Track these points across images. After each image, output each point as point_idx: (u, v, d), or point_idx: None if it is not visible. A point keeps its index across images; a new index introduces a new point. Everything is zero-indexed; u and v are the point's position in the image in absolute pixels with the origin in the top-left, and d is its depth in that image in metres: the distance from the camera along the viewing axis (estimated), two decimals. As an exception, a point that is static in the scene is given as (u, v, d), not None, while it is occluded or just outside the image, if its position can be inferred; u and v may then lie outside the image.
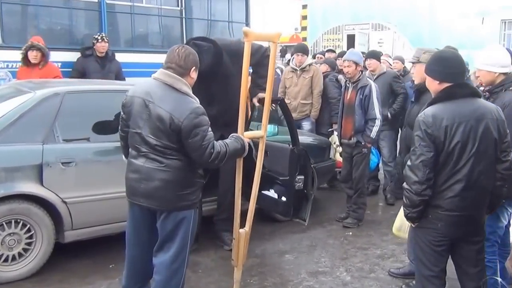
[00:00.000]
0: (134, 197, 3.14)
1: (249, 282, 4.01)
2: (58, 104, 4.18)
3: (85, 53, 6.76)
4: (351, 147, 5.31)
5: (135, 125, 3.08)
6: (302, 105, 6.51)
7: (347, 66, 5.24)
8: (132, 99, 3.14)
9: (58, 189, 4.04)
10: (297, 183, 4.26)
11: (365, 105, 5.15)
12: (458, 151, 2.73)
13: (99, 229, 4.31)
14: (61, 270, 4.17)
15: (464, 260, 2.94)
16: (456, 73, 2.85)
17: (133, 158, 3.14)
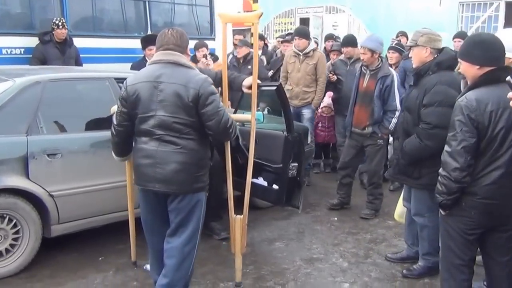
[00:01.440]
0: (149, 184, 3.11)
1: (245, 271, 3.99)
2: (40, 92, 3.99)
3: (44, 39, 6.48)
4: (364, 137, 5.14)
5: (146, 110, 3.06)
6: (304, 92, 6.29)
7: (363, 53, 5.05)
8: (135, 87, 3.10)
9: (45, 182, 3.88)
10: (290, 170, 4.25)
11: (385, 96, 4.98)
12: (501, 138, 2.68)
13: (86, 222, 4.18)
14: (50, 264, 4.03)
15: (495, 249, 2.93)
16: (497, 56, 2.79)
17: (143, 144, 3.11)
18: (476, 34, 2.99)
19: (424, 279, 3.87)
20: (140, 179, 3.17)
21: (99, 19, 7.73)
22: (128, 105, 3.14)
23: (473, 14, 13.63)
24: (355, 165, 5.40)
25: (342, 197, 5.46)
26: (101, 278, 3.86)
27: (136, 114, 3.11)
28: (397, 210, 4.37)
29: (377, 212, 5.29)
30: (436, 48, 3.70)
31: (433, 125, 3.55)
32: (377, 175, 5.20)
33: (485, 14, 13.33)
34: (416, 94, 3.69)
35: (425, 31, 3.78)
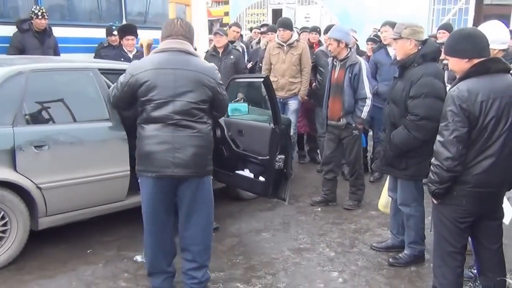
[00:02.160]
0: (166, 169, 3.14)
1: (235, 261, 4.04)
2: (24, 83, 3.90)
3: (22, 27, 6.34)
4: (340, 129, 5.16)
5: (163, 96, 3.13)
6: (290, 83, 6.28)
7: (329, 43, 5.09)
8: (145, 74, 3.15)
9: (32, 174, 3.82)
10: (277, 162, 4.30)
11: (355, 84, 4.98)
12: (492, 127, 2.75)
13: (74, 214, 4.13)
14: (38, 256, 3.99)
15: (485, 236, 3.05)
16: (484, 48, 2.86)
17: (156, 131, 3.15)
18: (461, 29, 3.04)
19: (411, 267, 3.99)
20: (155, 166, 3.16)
21: (73, 8, 7.60)
22: (131, 91, 3.20)
23: (444, 7, 13.90)
24: (338, 159, 5.39)
25: (325, 194, 5.41)
26: (91, 270, 3.84)
27: (147, 100, 3.15)
28: (381, 200, 4.49)
29: (360, 203, 5.36)
30: (420, 40, 3.77)
31: (421, 116, 3.63)
32: (357, 166, 5.26)
33: (456, 6, 13.62)
34: (402, 86, 3.76)
35: (408, 23, 3.82)
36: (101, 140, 4.16)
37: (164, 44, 3.24)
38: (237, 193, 5.35)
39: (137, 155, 3.29)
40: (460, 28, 3.01)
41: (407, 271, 3.95)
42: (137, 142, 3.30)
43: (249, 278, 3.78)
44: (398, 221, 4.17)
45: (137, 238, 4.19)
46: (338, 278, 3.83)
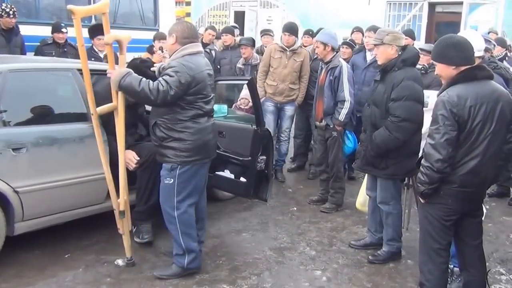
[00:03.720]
0: (212, 154, 3.80)
1: (218, 263, 4.05)
2: (1, 83, 3.77)
3: None
4: (322, 129, 5.27)
5: (208, 92, 3.66)
6: (290, 89, 6.11)
7: (316, 46, 5.18)
8: (201, 75, 3.58)
9: (9, 178, 3.69)
10: (259, 163, 4.33)
11: (335, 87, 5.06)
12: (478, 130, 2.90)
13: (52, 218, 4.03)
14: (14, 263, 3.86)
15: (467, 233, 3.20)
16: (471, 56, 3.01)
17: (206, 123, 3.66)
18: (448, 37, 3.14)
19: (389, 263, 4.11)
20: (207, 153, 3.71)
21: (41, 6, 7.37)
22: (186, 90, 3.48)
23: (399, 13, 14.37)
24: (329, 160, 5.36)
25: (321, 193, 5.49)
26: (72, 275, 3.75)
27: (201, 97, 3.58)
28: (359, 199, 4.60)
29: (339, 206, 5.34)
30: (400, 46, 3.93)
31: (402, 118, 3.77)
32: (335, 168, 5.28)
33: (410, 13, 14.09)
34: (383, 89, 3.89)
35: (389, 30, 4.04)
36: (80, 141, 4.07)
37: (194, 47, 3.61)
38: (214, 194, 5.34)
39: (190, 147, 3.57)
40: (449, 35, 3.12)
41: (386, 268, 4.07)
42: (186, 136, 3.55)
43: (234, 279, 3.79)
44: (376, 219, 4.28)
45: (116, 241, 4.14)
46: (321, 276, 3.90)
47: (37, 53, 6.38)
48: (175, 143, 3.57)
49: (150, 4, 8.53)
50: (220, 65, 7.11)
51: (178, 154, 3.57)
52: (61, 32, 6.48)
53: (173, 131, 3.56)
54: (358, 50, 6.42)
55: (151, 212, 4.31)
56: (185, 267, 3.75)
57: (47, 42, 6.50)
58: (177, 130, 3.55)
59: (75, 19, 3.54)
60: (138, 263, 3.95)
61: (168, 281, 3.69)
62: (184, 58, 3.54)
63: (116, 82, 3.51)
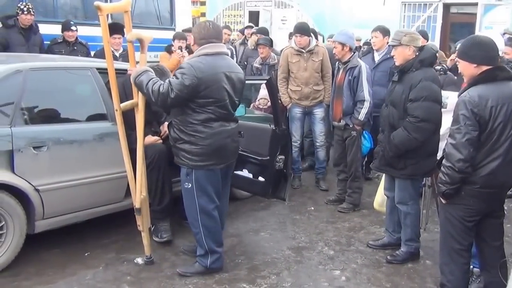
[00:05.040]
0: (231, 158, 3.75)
1: (237, 262, 4.04)
2: (22, 82, 3.81)
3: (7, 23, 6.21)
4: (341, 129, 5.23)
5: (222, 96, 3.52)
6: (315, 91, 5.84)
7: (334, 47, 5.17)
8: (210, 77, 3.45)
9: (30, 176, 3.73)
10: (277, 163, 4.33)
11: (354, 87, 5.04)
12: (500, 131, 2.92)
13: (72, 216, 4.06)
14: (35, 261, 3.89)
15: (488, 234, 3.18)
16: (494, 56, 3.03)
17: (223, 127, 3.58)
18: (474, 36, 3.17)
19: (408, 264, 4.07)
20: (224, 157, 3.65)
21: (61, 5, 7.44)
22: (192, 93, 3.40)
23: (414, 14, 14.28)
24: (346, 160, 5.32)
25: (339, 193, 5.46)
26: (92, 274, 3.77)
27: (212, 102, 3.48)
28: (377, 199, 4.57)
29: (356, 206, 5.29)
30: (417, 47, 3.92)
31: (420, 118, 3.75)
32: (354, 167, 5.24)
33: (425, 14, 14.00)
34: (401, 90, 3.87)
35: (407, 31, 4.03)
36: (99, 140, 4.10)
37: (215, 48, 3.54)
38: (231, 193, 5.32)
39: (201, 151, 3.54)
40: (475, 35, 3.16)
41: (405, 268, 4.03)
42: (197, 140, 3.52)
43: (253, 278, 3.79)
44: (394, 219, 4.25)
45: (135, 240, 4.16)
46: (340, 276, 3.88)
47: (48, 52, 6.41)
48: (186, 145, 3.55)
49: (166, 4, 8.57)
50: (247, 63, 7.09)
51: (190, 157, 3.55)
52: (71, 30, 6.51)
53: (184, 134, 3.54)
54: (367, 52, 6.39)
55: (167, 211, 4.32)
56: (208, 267, 3.75)
57: (57, 41, 6.54)
58: (188, 133, 3.53)
59: (101, 15, 3.60)
60: (158, 261, 3.96)
61: (188, 280, 3.70)
62: (197, 59, 3.51)
63: (132, 79, 3.61)
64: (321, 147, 5.97)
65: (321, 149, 5.97)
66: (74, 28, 6.53)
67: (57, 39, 6.57)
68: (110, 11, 3.81)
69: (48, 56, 5.57)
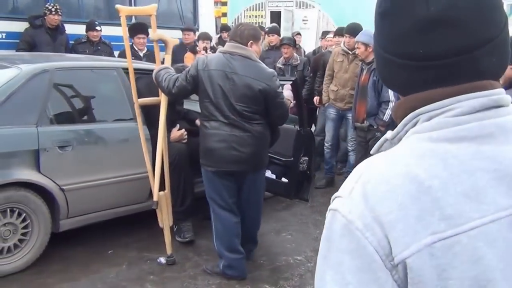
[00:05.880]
0: (223, 165, 3.47)
1: (260, 263, 4.02)
2: (48, 81, 3.85)
3: (34, 23, 6.28)
4: (364, 131, 5.16)
5: (213, 94, 3.40)
6: (350, 95, 5.61)
7: (357, 47, 5.13)
8: (210, 73, 3.42)
9: (56, 175, 3.76)
10: (301, 164, 4.29)
11: (379, 87, 5.01)
12: None
13: (95, 216, 4.08)
14: (58, 259, 3.91)
15: None
16: None
17: (215, 129, 3.43)
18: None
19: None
20: (215, 162, 3.47)
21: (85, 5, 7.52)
22: (194, 85, 3.45)
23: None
24: None
25: None
26: (115, 272, 3.78)
27: (206, 97, 3.42)
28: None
29: None
30: None
31: None
32: None
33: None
34: None
35: None
36: (124, 140, 4.13)
37: (227, 47, 3.54)
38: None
39: (200, 150, 3.56)
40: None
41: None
42: (200, 138, 3.57)
43: (276, 280, 3.76)
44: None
45: (157, 239, 4.14)
46: (365, 279, 3.81)
47: (72, 52, 6.48)
48: None
49: (189, 4, 8.57)
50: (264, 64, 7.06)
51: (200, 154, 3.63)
52: (96, 30, 6.56)
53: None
54: None
55: (190, 212, 4.32)
56: (221, 270, 3.71)
57: (81, 41, 6.60)
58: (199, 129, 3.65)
59: (121, 16, 3.73)
60: (181, 261, 3.96)
61: (211, 280, 3.69)
62: (214, 55, 3.68)
63: (153, 75, 3.70)
64: (352, 152, 5.83)
65: (353, 153, 5.80)
66: (99, 28, 6.59)
67: (81, 38, 6.63)
68: (131, 13, 3.89)
69: (74, 55, 5.62)
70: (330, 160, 6.09)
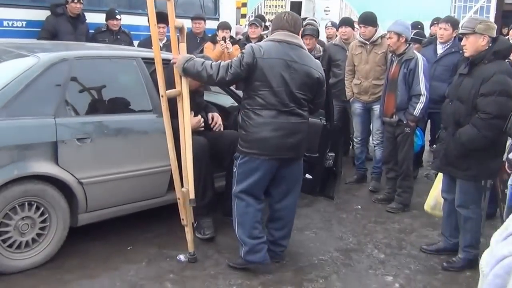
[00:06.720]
0: (279, 152, 3.51)
1: (282, 263, 3.86)
2: (67, 71, 3.72)
3: (56, 11, 6.20)
4: (393, 126, 4.96)
5: (275, 83, 3.41)
6: (374, 86, 5.45)
7: (389, 37, 4.89)
8: (268, 62, 3.41)
9: (74, 168, 3.63)
10: (327, 160, 4.12)
11: (409, 80, 4.77)
12: None
13: (114, 210, 3.96)
14: (77, 254, 3.80)
15: None
16: None
17: (271, 118, 3.44)
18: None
19: (466, 272, 3.81)
20: (270, 150, 3.47)
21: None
22: (249, 72, 3.40)
23: (466, 4, 13.68)
24: (397, 157, 5.08)
25: (388, 192, 5.23)
26: (135, 270, 3.66)
27: (264, 86, 3.41)
28: (429, 201, 4.30)
29: (407, 207, 5.04)
30: (492, 37, 3.59)
31: (493, 115, 3.45)
32: (405, 166, 4.98)
33: (477, 4, 13.38)
34: (471, 84, 3.57)
35: (482, 19, 3.70)
36: (144, 133, 3.99)
37: (279, 35, 3.51)
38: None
39: (248, 138, 3.50)
40: None
41: (463, 276, 3.77)
42: (246, 126, 3.50)
43: (300, 281, 3.61)
44: (451, 223, 3.98)
45: (177, 235, 4.04)
46: (394, 283, 3.65)
47: (92, 41, 6.38)
48: (241, 130, 3.59)
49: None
50: None
51: (240, 143, 3.57)
52: (116, 19, 6.47)
53: (241, 118, 3.58)
54: (428, 42, 6.01)
55: (210, 207, 4.20)
56: (242, 257, 3.67)
57: (101, 30, 6.51)
58: (243, 118, 3.55)
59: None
60: (201, 259, 3.83)
61: (233, 280, 3.56)
62: (260, 43, 3.63)
63: (180, 65, 3.56)
64: (377, 146, 5.58)
65: (378, 147, 5.55)
66: (119, 16, 6.48)
67: (101, 28, 6.54)
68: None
69: (93, 44, 5.51)
70: (361, 155, 5.90)
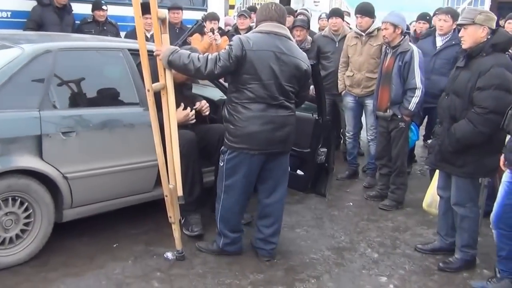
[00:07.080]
0: (269, 146, 3.46)
1: (273, 262, 3.76)
2: (51, 63, 3.59)
3: (43, 1, 6.09)
4: (387, 120, 4.83)
5: (264, 75, 3.34)
6: (367, 79, 5.30)
7: (384, 28, 4.74)
8: (257, 54, 3.33)
9: (59, 163, 3.52)
10: (319, 156, 4.02)
11: (404, 73, 4.62)
12: None
13: (100, 206, 3.85)
14: (62, 251, 3.70)
15: None
16: None
17: (261, 111, 3.38)
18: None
19: (463, 273, 3.72)
20: (260, 144, 3.42)
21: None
22: (236, 64, 3.30)
23: (459, -5, 13.61)
24: (390, 153, 4.97)
25: (380, 189, 5.13)
26: (120, 267, 3.55)
27: (252, 78, 3.33)
28: (427, 199, 4.21)
29: (400, 204, 4.94)
30: (491, 28, 3.49)
31: (490, 110, 3.35)
32: (399, 162, 4.88)
33: (472, -5, 13.32)
34: (467, 77, 3.46)
35: (481, 9, 3.57)
36: (130, 126, 3.86)
37: (265, 27, 3.43)
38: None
39: (237, 133, 3.42)
40: None
41: (460, 277, 3.69)
42: (234, 121, 3.42)
43: (291, 281, 3.51)
44: (447, 222, 3.90)
45: (164, 231, 3.94)
46: (388, 284, 3.56)
47: (78, 32, 6.25)
48: (228, 124, 3.50)
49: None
50: None
51: (228, 137, 3.50)
52: (102, 9, 6.36)
53: (228, 112, 3.49)
54: (426, 34, 5.89)
55: (198, 203, 4.10)
56: (220, 247, 3.73)
57: (87, 21, 6.40)
58: (230, 112, 3.47)
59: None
60: (188, 257, 3.72)
61: (221, 280, 3.46)
62: (248, 34, 3.56)
63: (165, 57, 3.42)
64: (372, 141, 5.46)
65: (373, 143, 5.42)
66: (105, 7, 6.35)
67: (87, 18, 6.42)
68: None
69: (79, 35, 5.35)
70: (353, 150, 5.79)
